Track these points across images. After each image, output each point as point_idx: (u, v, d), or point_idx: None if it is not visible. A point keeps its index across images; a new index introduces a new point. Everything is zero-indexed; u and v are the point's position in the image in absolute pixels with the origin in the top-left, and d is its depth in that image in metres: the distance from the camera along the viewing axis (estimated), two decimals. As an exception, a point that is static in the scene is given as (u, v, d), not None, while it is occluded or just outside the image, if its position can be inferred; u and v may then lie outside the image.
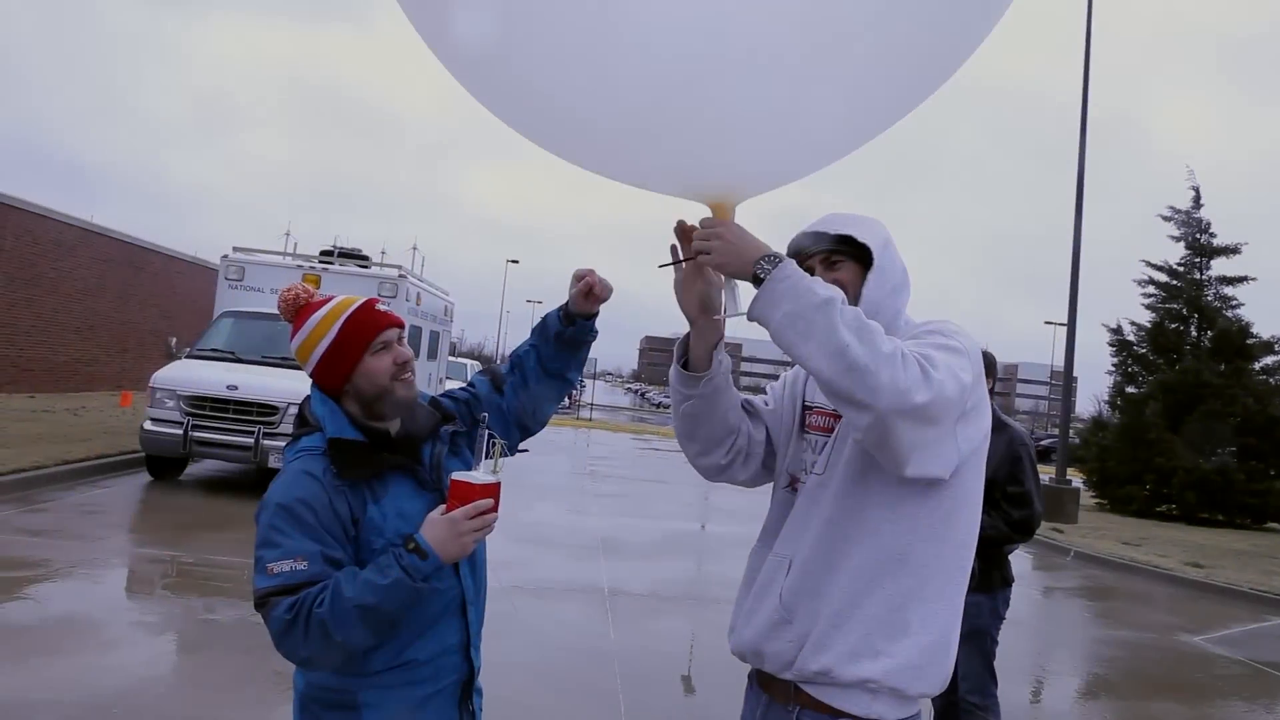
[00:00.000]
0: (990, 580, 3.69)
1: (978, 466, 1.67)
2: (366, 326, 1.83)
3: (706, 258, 1.65)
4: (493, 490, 1.72)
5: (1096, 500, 18.48)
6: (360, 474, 1.73)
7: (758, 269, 1.57)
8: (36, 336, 18.43)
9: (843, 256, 1.77)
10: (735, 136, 1.62)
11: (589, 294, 1.95)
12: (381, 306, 1.90)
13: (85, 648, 4.81)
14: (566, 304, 1.99)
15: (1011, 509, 3.62)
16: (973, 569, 1.72)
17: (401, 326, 1.89)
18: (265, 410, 9.51)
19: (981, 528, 1.73)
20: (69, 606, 5.51)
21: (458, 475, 1.72)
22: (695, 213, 1.74)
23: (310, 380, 1.87)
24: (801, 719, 1.64)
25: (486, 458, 1.76)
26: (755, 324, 1.58)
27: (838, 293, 1.51)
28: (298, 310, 1.88)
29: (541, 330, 2.04)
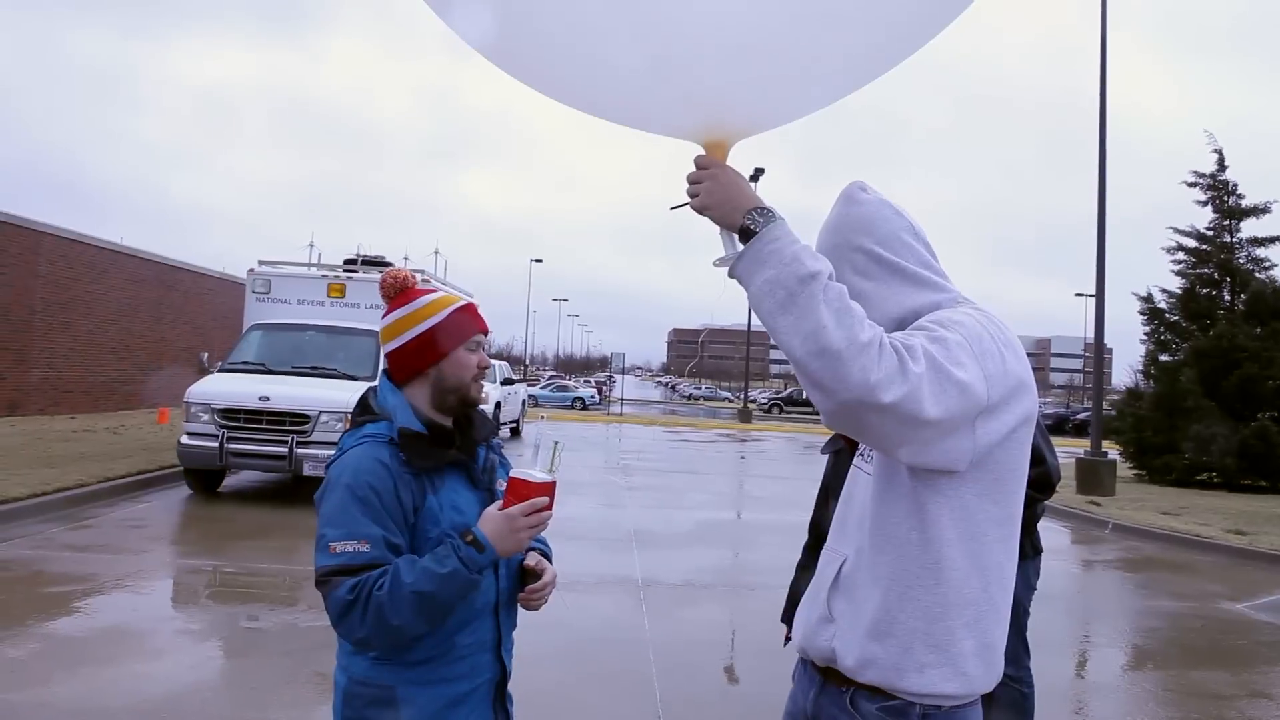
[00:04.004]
0: (1021, 550, 3.67)
1: (1004, 459, 1.56)
2: (471, 322, 1.92)
3: (695, 200, 1.57)
4: (548, 489, 1.77)
5: (1134, 471, 18.25)
6: (426, 465, 1.80)
7: (748, 220, 1.49)
8: (75, 359, 18.83)
9: None
10: (734, 66, 1.55)
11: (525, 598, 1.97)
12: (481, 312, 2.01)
13: (133, 656, 4.95)
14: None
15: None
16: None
17: (488, 335, 1.99)
18: (297, 419, 9.66)
19: None
20: (116, 618, 5.66)
21: (516, 472, 1.78)
22: (691, 156, 1.67)
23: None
24: (856, 699, 1.60)
25: (542, 458, 1.82)
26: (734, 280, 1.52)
27: (825, 265, 1.45)
28: (403, 289, 1.94)
29: None
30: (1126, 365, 21.25)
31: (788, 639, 3.22)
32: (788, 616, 3.21)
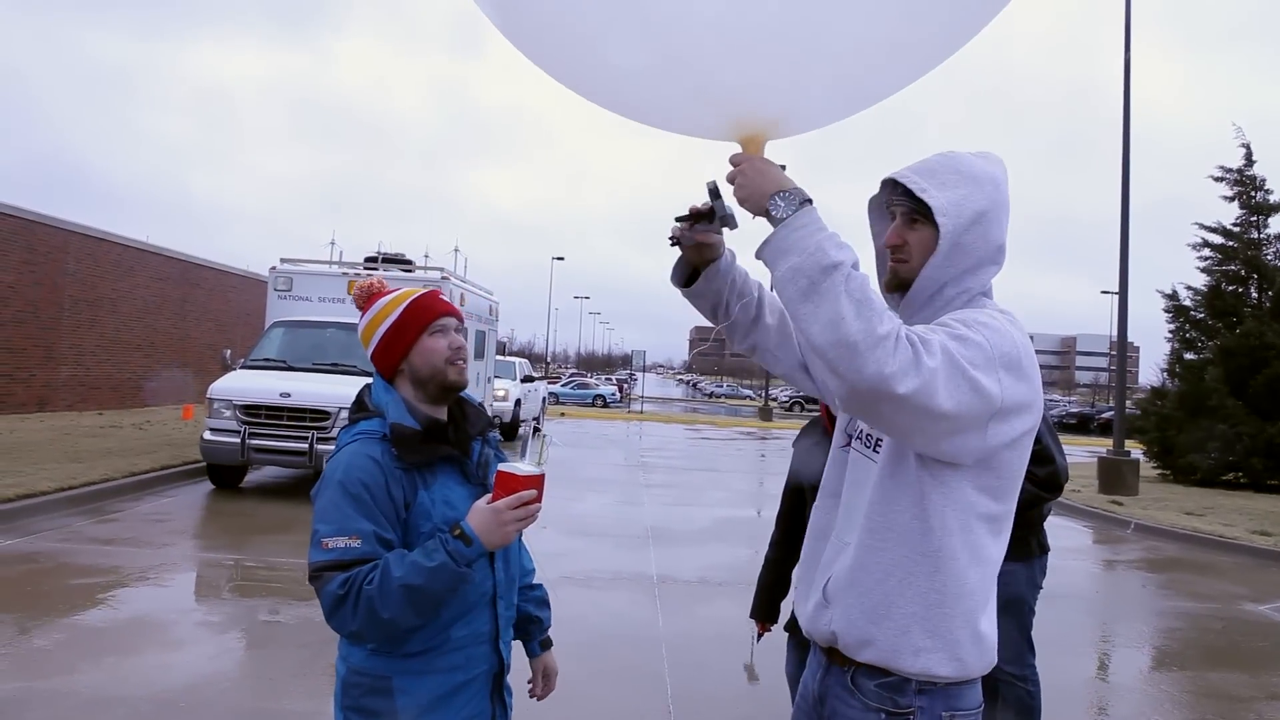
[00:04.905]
0: (1027, 548, 3.66)
1: (1008, 459, 1.61)
2: (427, 309, 1.96)
3: (735, 196, 1.61)
4: (536, 482, 1.79)
5: (1158, 471, 18.03)
6: (417, 460, 1.83)
7: (771, 206, 1.53)
8: (102, 356, 19.12)
9: (923, 218, 1.66)
10: (744, 60, 1.54)
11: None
12: (444, 296, 2.04)
13: (154, 647, 5.04)
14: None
15: (1034, 468, 3.56)
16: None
17: (460, 318, 2.01)
18: (317, 415, 9.77)
19: None
20: (139, 609, 5.77)
21: (503, 466, 1.80)
22: (723, 154, 1.68)
23: (370, 367, 2.00)
24: (856, 678, 1.66)
25: (530, 451, 1.85)
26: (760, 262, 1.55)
27: (849, 254, 1.48)
28: (369, 297, 2.01)
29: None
30: (1154, 363, 20.98)
31: (759, 634, 3.24)
32: (760, 612, 3.22)
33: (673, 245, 1.78)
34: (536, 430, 1.82)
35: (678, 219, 1.75)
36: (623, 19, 1.55)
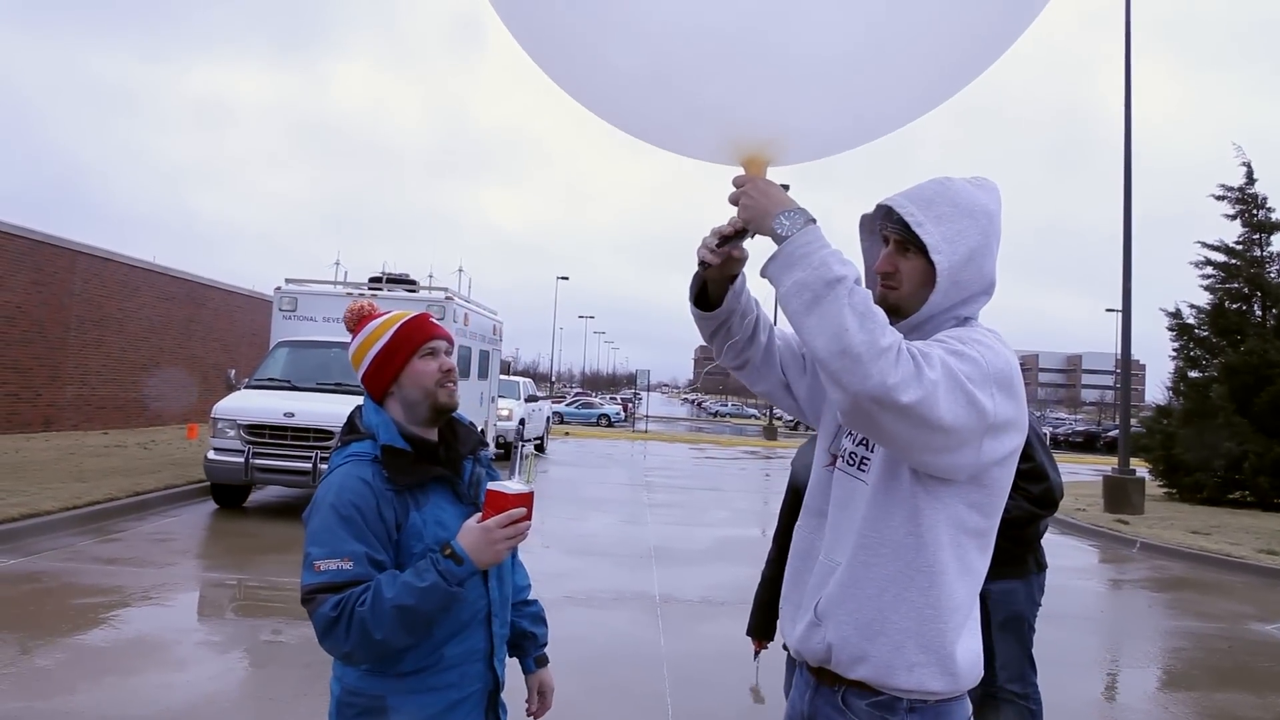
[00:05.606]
0: (1025, 565, 3.65)
1: (998, 476, 1.64)
2: (418, 332, 1.98)
3: (740, 218, 1.65)
4: (526, 500, 1.80)
5: (1164, 489, 17.95)
6: (408, 482, 1.84)
7: (777, 224, 1.57)
8: (107, 375, 19.18)
9: (916, 249, 1.68)
10: (767, 80, 1.54)
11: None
12: (434, 319, 2.06)
13: (156, 667, 5.04)
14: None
15: (1028, 485, 3.56)
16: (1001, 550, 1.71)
17: (450, 341, 2.03)
18: (321, 435, 9.78)
19: (1005, 510, 1.73)
20: (141, 629, 5.77)
21: (493, 485, 1.82)
22: (725, 175, 1.70)
23: (362, 389, 2.00)
24: (847, 698, 1.66)
25: (520, 469, 1.86)
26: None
27: (852, 270, 1.50)
28: (359, 319, 2.03)
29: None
30: (1159, 382, 20.92)
31: (756, 652, 3.24)
32: (757, 630, 3.22)
33: (702, 268, 1.78)
34: (539, 449, 1.81)
35: (713, 247, 1.72)
36: (616, 20, 1.56)
